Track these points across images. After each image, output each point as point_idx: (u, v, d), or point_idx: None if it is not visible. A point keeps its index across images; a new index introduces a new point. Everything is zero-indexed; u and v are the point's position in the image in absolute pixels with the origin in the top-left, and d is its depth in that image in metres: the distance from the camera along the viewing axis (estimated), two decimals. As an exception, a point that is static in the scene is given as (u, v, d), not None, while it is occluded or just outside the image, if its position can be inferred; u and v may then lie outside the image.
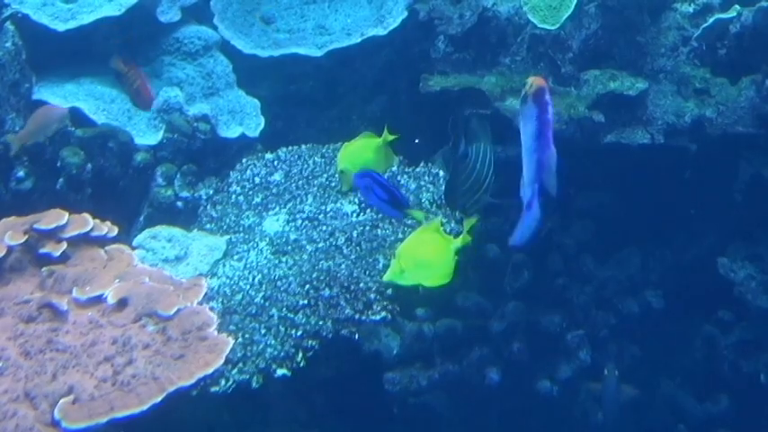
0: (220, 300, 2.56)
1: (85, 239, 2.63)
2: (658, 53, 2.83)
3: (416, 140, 2.98)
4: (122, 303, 2.43)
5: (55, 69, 3.06)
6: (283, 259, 2.67)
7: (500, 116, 2.81)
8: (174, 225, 2.82)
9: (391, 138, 2.68)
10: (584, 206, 3.02)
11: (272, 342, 2.46)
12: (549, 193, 2.09)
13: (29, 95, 2.96)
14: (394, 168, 2.87)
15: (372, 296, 2.55)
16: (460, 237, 2.35)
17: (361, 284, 2.56)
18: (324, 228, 2.73)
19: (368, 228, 2.70)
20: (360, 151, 2.61)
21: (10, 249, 2.55)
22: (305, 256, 2.66)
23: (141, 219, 2.92)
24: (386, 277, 2.34)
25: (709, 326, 2.96)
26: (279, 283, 2.58)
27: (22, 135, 2.80)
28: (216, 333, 2.36)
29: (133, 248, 2.69)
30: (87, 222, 2.63)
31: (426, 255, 2.34)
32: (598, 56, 2.87)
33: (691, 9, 2.85)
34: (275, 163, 2.99)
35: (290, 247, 2.70)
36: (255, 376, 2.41)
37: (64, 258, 2.57)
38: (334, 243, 2.67)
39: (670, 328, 3.03)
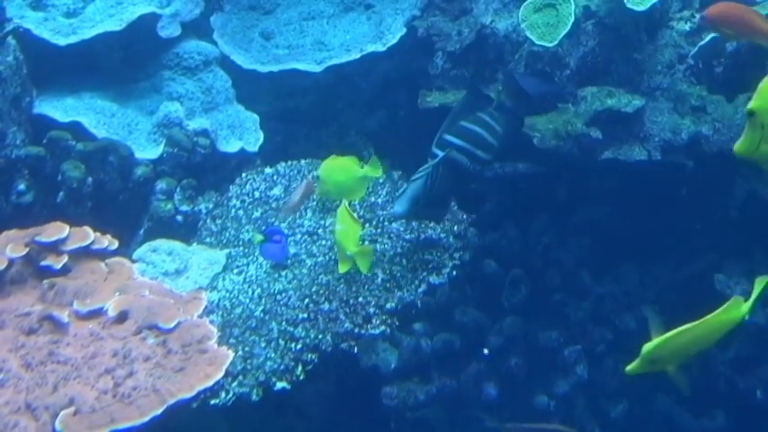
0: (220, 313, 2.57)
1: (86, 252, 2.64)
2: (655, 70, 2.85)
3: None
4: (123, 316, 2.44)
5: (56, 83, 3.07)
6: (283, 273, 2.69)
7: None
8: (174, 239, 2.83)
9: (374, 172, 2.70)
10: (581, 222, 3.04)
11: (272, 355, 2.46)
12: None
13: (30, 109, 2.97)
14: (392, 184, 2.90)
15: (371, 310, 2.56)
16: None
17: (360, 298, 2.57)
18: (323, 242, 2.75)
19: (366, 242, 2.72)
20: (339, 171, 2.70)
21: (11, 262, 2.56)
22: (304, 270, 2.67)
23: (141, 232, 2.93)
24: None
25: (706, 342, 2.97)
26: (278, 297, 2.59)
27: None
28: (216, 346, 2.38)
29: (133, 262, 2.71)
30: (88, 235, 2.64)
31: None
32: (595, 73, 2.90)
33: (687, 27, 2.88)
34: (274, 177, 3.01)
35: (289, 261, 2.71)
36: (255, 389, 2.41)
37: (65, 271, 2.59)
38: (333, 257, 2.68)
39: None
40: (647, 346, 2.21)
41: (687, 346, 2.23)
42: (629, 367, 2.24)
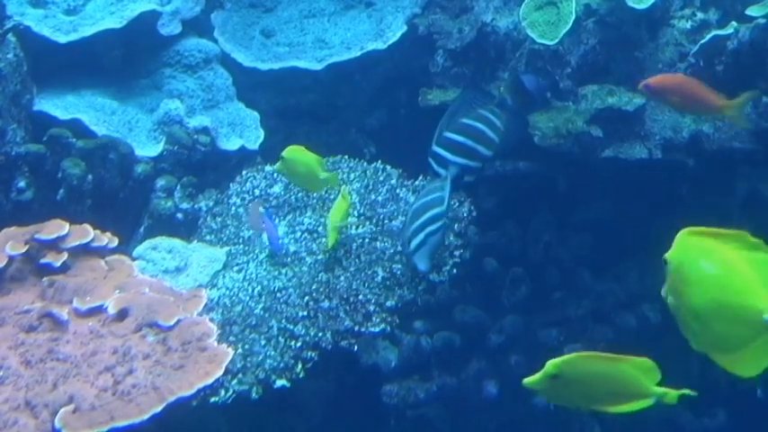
0: (220, 311, 2.56)
1: (86, 250, 2.63)
2: (656, 69, 2.85)
3: None
4: (123, 314, 2.43)
5: (56, 81, 3.06)
6: (283, 271, 2.68)
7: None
8: (174, 236, 2.82)
9: (332, 183, 2.75)
10: (581, 220, 3.04)
11: (272, 353, 2.46)
12: None
13: (30, 107, 2.96)
14: (393, 182, 2.89)
15: (371, 308, 2.55)
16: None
17: (360, 296, 2.57)
18: (323, 240, 2.74)
19: (367, 240, 2.71)
20: (302, 165, 2.71)
21: (11, 259, 2.55)
22: (304, 268, 2.67)
23: (141, 230, 2.92)
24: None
25: (706, 340, 2.96)
26: (278, 295, 2.59)
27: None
28: (216, 344, 2.37)
29: (133, 259, 2.70)
30: (88, 233, 2.64)
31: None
32: (596, 71, 2.90)
33: (688, 25, 2.88)
34: (275, 175, 3.00)
35: (289, 259, 2.71)
36: (255, 387, 2.40)
37: (64, 268, 2.58)
38: (333, 255, 2.67)
39: (667, 342, 3.03)
40: (552, 360, 2.10)
41: (590, 377, 2.09)
42: (527, 379, 2.13)
